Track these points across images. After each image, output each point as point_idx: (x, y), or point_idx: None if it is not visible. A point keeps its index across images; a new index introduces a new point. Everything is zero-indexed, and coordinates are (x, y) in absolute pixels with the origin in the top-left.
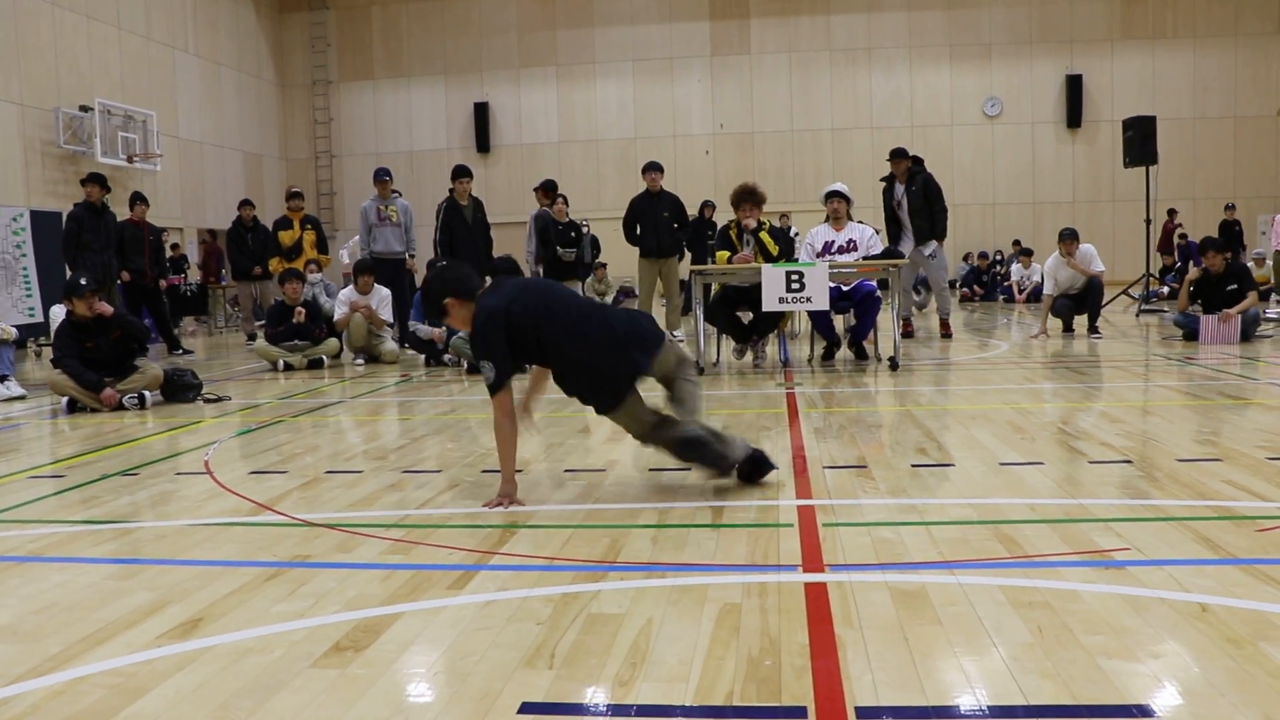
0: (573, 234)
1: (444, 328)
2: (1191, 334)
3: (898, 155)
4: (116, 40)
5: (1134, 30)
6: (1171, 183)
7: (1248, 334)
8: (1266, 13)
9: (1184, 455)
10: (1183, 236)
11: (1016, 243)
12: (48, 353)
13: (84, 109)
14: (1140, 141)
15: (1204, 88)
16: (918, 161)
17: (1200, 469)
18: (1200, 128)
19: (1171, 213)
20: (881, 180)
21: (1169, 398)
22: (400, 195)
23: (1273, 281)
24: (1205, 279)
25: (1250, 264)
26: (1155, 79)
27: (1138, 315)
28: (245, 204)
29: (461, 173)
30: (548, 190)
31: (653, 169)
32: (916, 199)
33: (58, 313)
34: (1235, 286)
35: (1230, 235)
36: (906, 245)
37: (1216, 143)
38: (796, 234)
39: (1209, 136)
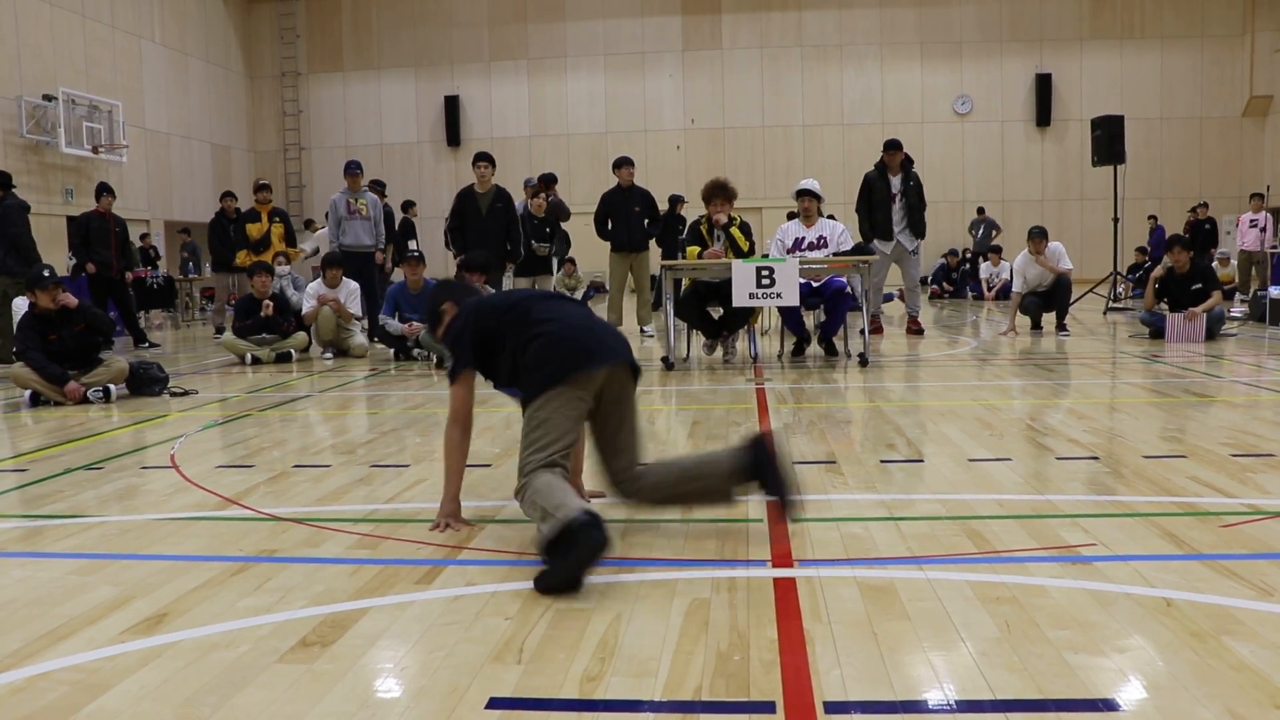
0: (547, 229)
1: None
2: (1158, 332)
3: (894, 147)
4: (81, 28)
5: (1103, 30)
6: (1139, 182)
7: (1213, 332)
8: (1231, 15)
9: (1150, 452)
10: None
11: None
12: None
13: (48, 98)
14: (1108, 141)
15: (1171, 88)
16: (908, 159)
17: (1166, 466)
18: (1167, 128)
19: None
20: (875, 166)
21: (1135, 395)
22: (385, 187)
23: (1237, 281)
24: (1170, 278)
25: (1215, 264)
26: (1123, 79)
27: (1105, 313)
28: (228, 195)
29: (480, 158)
30: (547, 182)
31: (625, 164)
32: (913, 194)
33: (20, 305)
34: (1200, 285)
35: (1200, 235)
36: (886, 242)
37: (1183, 143)
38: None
39: (1175, 136)
